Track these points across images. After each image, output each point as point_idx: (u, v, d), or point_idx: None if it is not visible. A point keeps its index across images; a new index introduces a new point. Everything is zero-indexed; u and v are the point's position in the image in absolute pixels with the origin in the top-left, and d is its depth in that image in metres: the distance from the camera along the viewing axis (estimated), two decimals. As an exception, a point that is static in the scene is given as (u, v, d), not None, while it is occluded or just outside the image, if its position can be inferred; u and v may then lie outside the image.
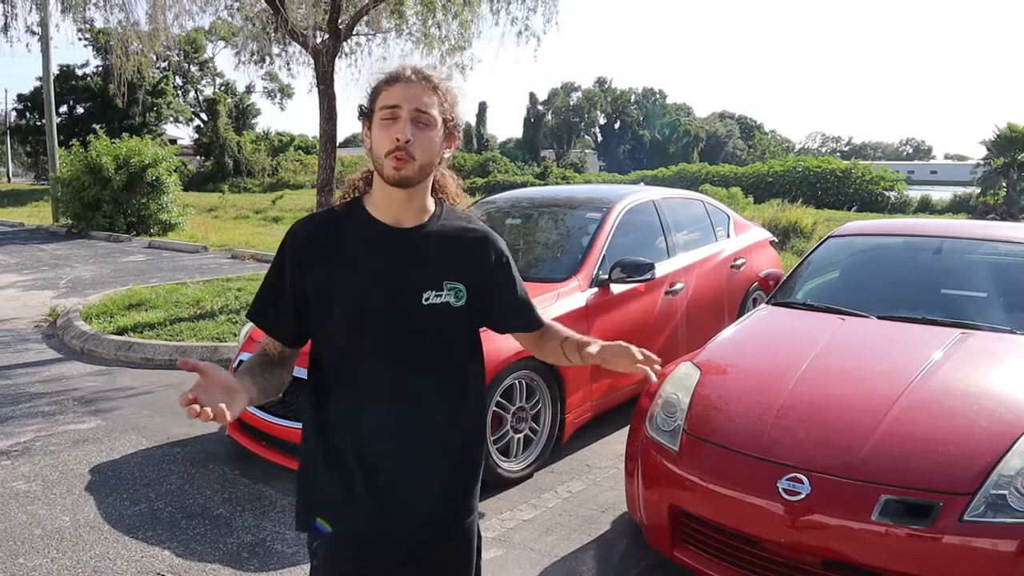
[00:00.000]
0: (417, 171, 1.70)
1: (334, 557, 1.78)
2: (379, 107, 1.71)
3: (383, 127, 1.69)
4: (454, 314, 1.78)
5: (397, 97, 1.69)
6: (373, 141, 1.72)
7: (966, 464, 2.72)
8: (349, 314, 1.72)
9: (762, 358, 3.82)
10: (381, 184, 1.74)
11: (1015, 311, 3.89)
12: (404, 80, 1.70)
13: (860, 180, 29.74)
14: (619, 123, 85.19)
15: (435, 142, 1.73)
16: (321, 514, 1.77)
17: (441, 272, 1.77)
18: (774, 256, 7.43)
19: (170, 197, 17.79)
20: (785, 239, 14.43)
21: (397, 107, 1.68)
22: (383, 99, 1.71)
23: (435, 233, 1.80)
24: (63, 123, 37.33)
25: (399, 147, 1.67)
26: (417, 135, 1.68)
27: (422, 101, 1.69)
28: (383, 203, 1.77)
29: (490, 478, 4.17)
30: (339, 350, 1.75)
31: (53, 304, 9.14)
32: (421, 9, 9.65)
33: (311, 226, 1.80)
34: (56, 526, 3.80)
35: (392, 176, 1.69)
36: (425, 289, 1.75)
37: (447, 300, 1.77)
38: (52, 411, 5.51)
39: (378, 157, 1.71)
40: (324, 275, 1.73)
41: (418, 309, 1.74)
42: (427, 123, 1.70)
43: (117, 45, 9.81)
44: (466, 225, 1.88)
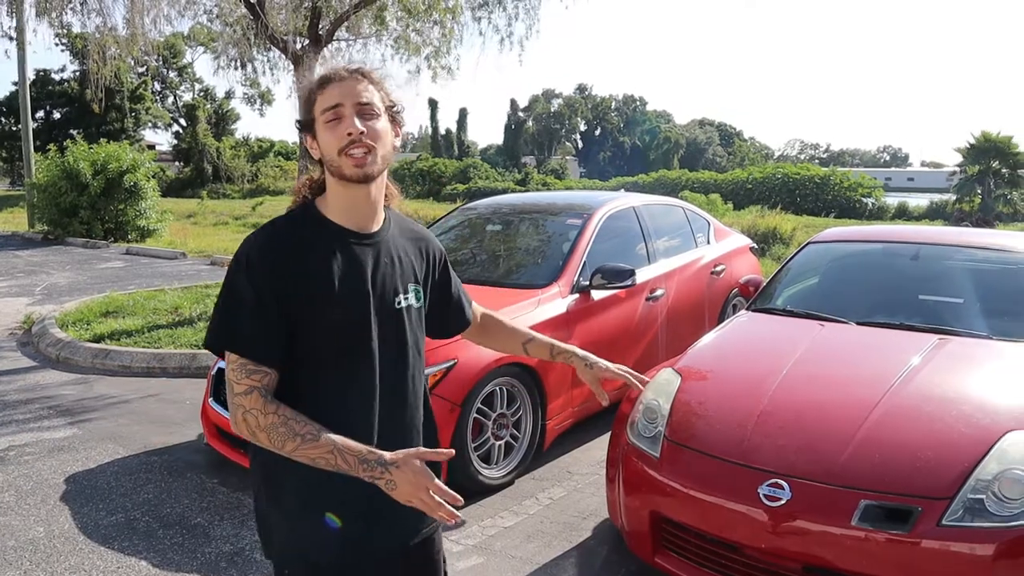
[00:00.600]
0: (380, 162, 1.69)
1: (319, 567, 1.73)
2: (320, 111, 1.67)
3: (329, 129, 1.66)
4: (416, 315, 1.83)
5: (336, 96, 1.66)
6: (322, 146, 1.68)
7: (944, 469, 2.74)
8: (333, 328, 1.67)
9: (742, 364, 3.83)
10: (341, 187, 1.70)
11: (992, 316, 3.92)
12: (337, 79, 1.68)
13: (838, 187, 29.98)
14: (599, 130, 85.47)
15: (386, 131, 1.71)
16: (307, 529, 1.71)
17: (406, 275, 1.81)
18: (754, 262, 7.47)
19: (148, 203, 17.60)
20: (765, 245, 14.51)
21: (339, 105, 1.65)
22: (321, 102, 1.67)
23: (394, 236, 1.82)
24: (39, 128, 36.99)
25: (353, 140, 1.64)
26: (367, 127, 1.66)
27: (362, 94, 1.67)
28: (345, 207, 1.73)
29: (471, 485, 4.16)
30: (321, 363, 1.68)
31: (28, 311, 9.03)
32: (403, 15, 9.64)
33: (274, 243, 1.68)
34: (30, 537, 3.74)
35: (356, 173, 1.65)
36: (397, 293, 1.77)
37: (411, 302, 1.81)
38: (26, 420, 5.44)
39: (332, 159, 1.66)
40: (302, 291, 1.64)
41: (394, 314, 1.76)
42: (372, 114, 1.68)
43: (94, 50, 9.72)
44: (413, 227, 1.94)
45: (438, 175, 42.52)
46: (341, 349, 1.69)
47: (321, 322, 1.66)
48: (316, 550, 1.71)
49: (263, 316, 1.62)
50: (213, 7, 10.24)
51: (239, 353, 1.62)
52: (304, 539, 1.71)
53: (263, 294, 1.62)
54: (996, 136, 24.88)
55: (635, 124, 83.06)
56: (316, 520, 1.70)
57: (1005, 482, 2.65)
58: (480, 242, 5.94)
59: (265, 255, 1.65)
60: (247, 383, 1.61)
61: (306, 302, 1.64)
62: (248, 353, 1.62)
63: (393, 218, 1.86)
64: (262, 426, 1.59)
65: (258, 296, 1.62)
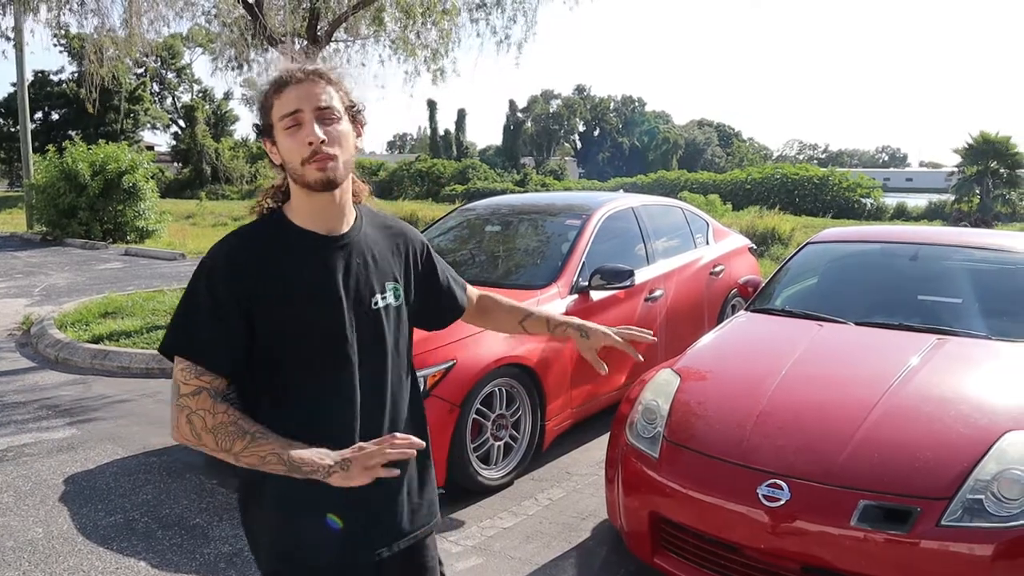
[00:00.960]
0: (343, 168, 1.64)
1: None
2: (278, 117, 1.62)
3: (289, 135, 1.61)
4: (395, 313, 1.79)
5: (294, 101, 1.61)
6: (283, 153, 1.64)
7: (943, 469, 2.74)
8: (305, 334, 1.64)
9: (741, 364, 3.83)
10: (305, 194, 1.66)
11: (990, 317, 3.93)
12: (294, 82, 1.62)
13: (837, 187, 29.98)
14: (598, 130, 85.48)
15: (348, 134, 1.67)
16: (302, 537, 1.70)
17: (382, 274, 1.77)
18: (753, 263, 7.47)
19: (147, 204, 17.61)
20: (763, 246, 14.52)
21: (298, 111, 1.60)
22: (279, 107, 1.62)
23: (367, 235, 1.78)
24: (38, 129, 36.97)
25: (315, 150, 1.59)
26: (329, 132, 1.61)
27: (321, 98, 1.62)
28: (311, 212, 1.69)
29: (470, 485, 4.16)
30: (296, 370, 1.65)
31: (27, 312, 9.02)
32: (401, 16, 9.64)
33: (240, 251, 1.65)
34: (29, 538, 3.74)
35: (319, 179, 1.61)
36: (373, 294, 1.74)
37: (389, 301, 1.77)
38: (25, 421, 5.43)
39: (294, 168, 1.62)
40: (269, 299, 1.61)
41: (371, 315, 1.72)
42: (333, 117, 1.63)
43: (91, 50, 9.71)
44: (388, 223, 1.89)
45: (437, 176, 42.50)
46: (315, 355, 1.65)
47: (292, 328, 1.63)
48: (300, 554, 1.69)
49: (220, 323, 1.59)
50: (211, 8, 10.25)
51: (191, 358, 1.60)
52: (289, 544, 1.69)
53: (222, 301, 1.59)
54: (995, 136, 24.91)
55: (634, 125, 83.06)
56: (299, 525, 1.68)
57: (1004, 482, 2.65)
58: (479, 243, 5.94)
59: (229, 262, 1.63)
60: (196, 383, 1.58)
61: (274, 309, 1.61)
62: (200, 358, 1.59)
63: (366, 216, 1.82)
64: (209, 426, 1.55)
65: (216, 303, 1.60)
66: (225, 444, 1.55)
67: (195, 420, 1.56)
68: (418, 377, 1.93)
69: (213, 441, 1.55)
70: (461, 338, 4.11)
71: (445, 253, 5.74)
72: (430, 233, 6.19)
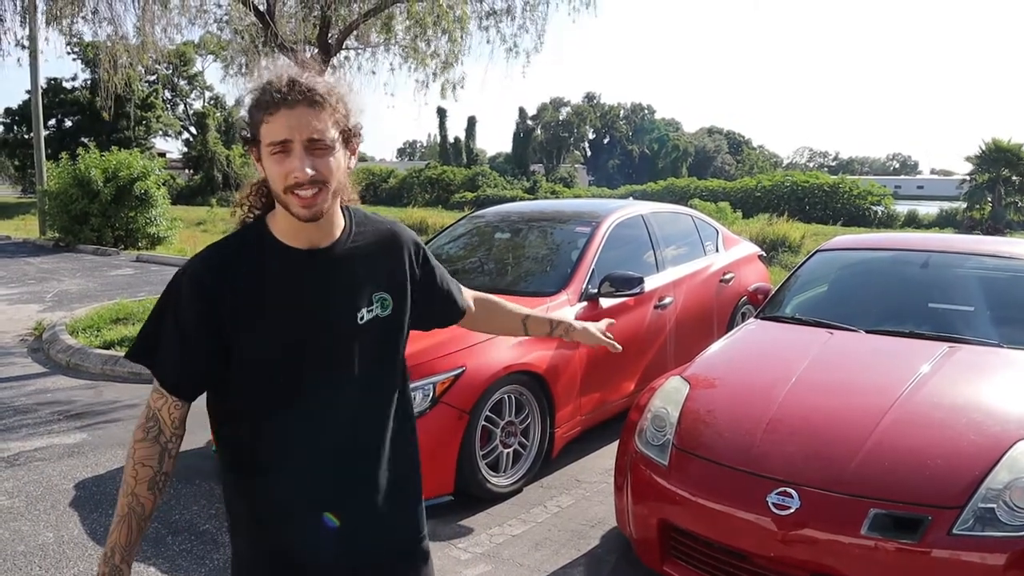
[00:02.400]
0: (330, 198, 1.57)
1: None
2: (266, 141, 1.52)
3: (276, 161, 1.51)
4: (382, 325, 1.72)
5: (283, 129, 1.49)
6: (268, 173, 1.55)
7: (954, 478, 2.73)
8: (285, 349, 1.60)
9: (751, 372, 3.82)
10: (286, 214, 1.57)
11: (1002, 325, 3.91)
12: (287, 107, 1.49)
13: (848, 195, 29.92)
14: (608, 138, 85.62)
15: (339, 164, 1.56)
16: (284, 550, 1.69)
17: (368, 286, 1.70)
18: (762, 270, 7.46)
19: (159, 210, 17.68)
20: (773, 253, 14.48)
21: (287, 141, 1.50)
22: (268, 131, 1.51)
23: (353, 247, 1.69)
24: (51, 136, 37.14)
25: (300, 183, 1.50)
26: (317, 164, 1.51)
27: (313, 127, 1.50)
28: (292, 229, 1.61)
29: (479, 493, 4.16)
30: (271, 389, 1.61)
31: (39, 318, 9.07)
32: (411, 25, 9.68)
33: (217, 264, 1.60)
34: (39, 542, 3.76)
35: (303, 214, 1.53)
36: (358, 308, 1.67)
37: (375, 313, 1.70)
38: (36, 425, 5.46)
39: (277, 192, 1.54)
40: (242, 315, 1.56)
41: (355, 329, 1.66)
42: (324, 148, 1.52)
43: (105, 58, 9.78)
44: (379, 227, 1.79)
45: (447, 183, 42.59)
46: (292, 372, 1.61)
47: (267, 345, 1.59)
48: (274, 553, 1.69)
49: (183, 349, 1.57)
50: (223, 15, 10.31)
51: (153, 373, 1.61)
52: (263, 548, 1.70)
53: (188, 326, 1.56)
54: (1007, 144, 24.81)
55: (643, 132, 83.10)
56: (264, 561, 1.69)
57: (1016, 491, 2.63)
58: (488, 250, 5.95)
59: (196, 283, 1.57)
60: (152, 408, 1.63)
61: (245, 326, 1.57)
62: (159, 377, 1.60)
63: (356, 223, 1.73)
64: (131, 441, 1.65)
65: (181, 326, 1.57)
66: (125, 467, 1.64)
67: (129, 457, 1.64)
68: (427, 384, 1.91)
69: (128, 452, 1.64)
70: (470, 345, 4.11)
71: (455, 260, 5.75)
72: (439, 240, 6.20)
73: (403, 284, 1.77)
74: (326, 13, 8.81)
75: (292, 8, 9.57)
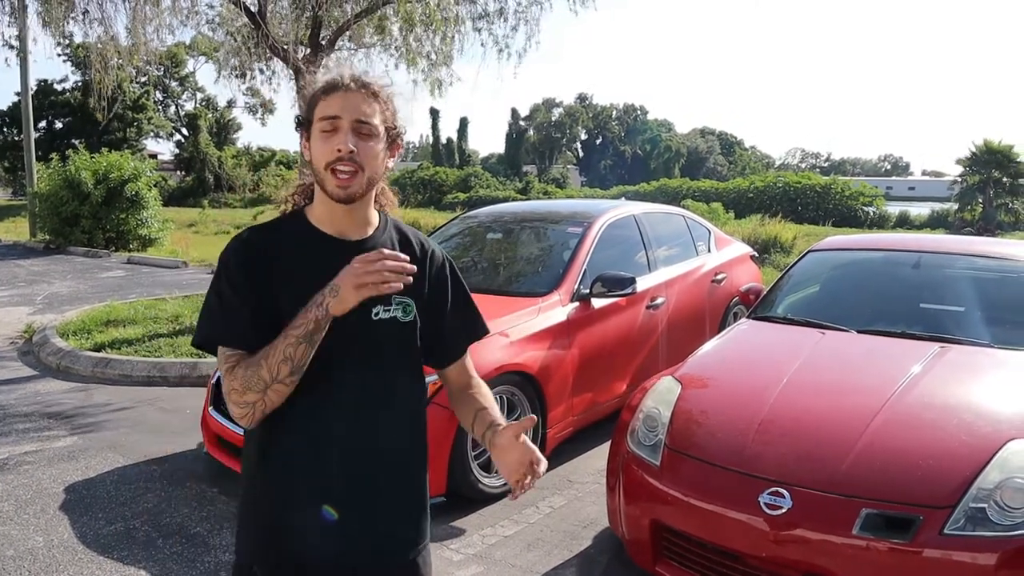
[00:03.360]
0: (364, 185, 1.65)
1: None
2: (318, 118, 1.64)
3: (323, 139, 1.63)
4: (400, 328, 1.73)
5: (336, 107, 1.62)
6: (312, 153, 1.65)
7: (946, 478, 2.73)
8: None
9: (743, 372, 3.82)
10: (323, 198, 1.68)
11: (993, 325, 3.92)
12: (343, 89, 1.63)
13: (839, 196, 30.03)
14: (600, 139, 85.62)
15: (378, 153, 1.66)
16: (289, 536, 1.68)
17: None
18: (755, 270, 7.47)
19: (150, 212, 17.62)
20: (765, 254, 14.52)
21: (337, 118, 1.61)
22: (321, 109, 1.64)
23: (382, 245, 1.71)
24: (41, 138, 37.02)
25: (340, 158, 1.60)
26: (360, 146, 1.62)
27: (363, 111, 1.63)
28: (327, 215, 1.71)
29: (471, 494, 4.15)
30: None
31: (29, 320, 9.02)
32: (403, 25, 9.66)
33: (249, 243, 1.70)
34: (29, 547, 3.73)
35: (336, 194, 1.63)
36: (374, 304, 1.67)
37: (395, 315, 1.71)
38: (26, 429, 5.43)
39: (318, 169, 1.64)
40: (271, 288, 1.64)
41: (368, 324, 1.68)
42: (369, 133, 1.64)
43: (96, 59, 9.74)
44: (411, 237, 1.83)
45: (439, 184, 42.59)
46: None
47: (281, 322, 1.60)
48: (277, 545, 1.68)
49: (238, 307, 1.62)
50: (215, 17, 10.28)
51: (221, 344, 1.63)
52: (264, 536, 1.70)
53: (237, 287, 1.63)
54: (997, 145, 24.97)
55: (636, 133, 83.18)
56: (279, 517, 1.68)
57: (1007, 491, 2.64)
58: (481, 250, 5.94)
59: (239, 253, 1.67)
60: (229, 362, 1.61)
61: (274, 298, 1.63)
62: (227, 341, 1.63)
63: (392, 227, 1.80)
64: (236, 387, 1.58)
65: (233, 289, 1.64)
66: (254, 381, 1.56)
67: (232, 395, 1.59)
68: None
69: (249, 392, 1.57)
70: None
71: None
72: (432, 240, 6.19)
73: (423, 299, 1.78)
74: (317, 14, 8.79)
75: (284, 9, 9.54)
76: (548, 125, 78.33)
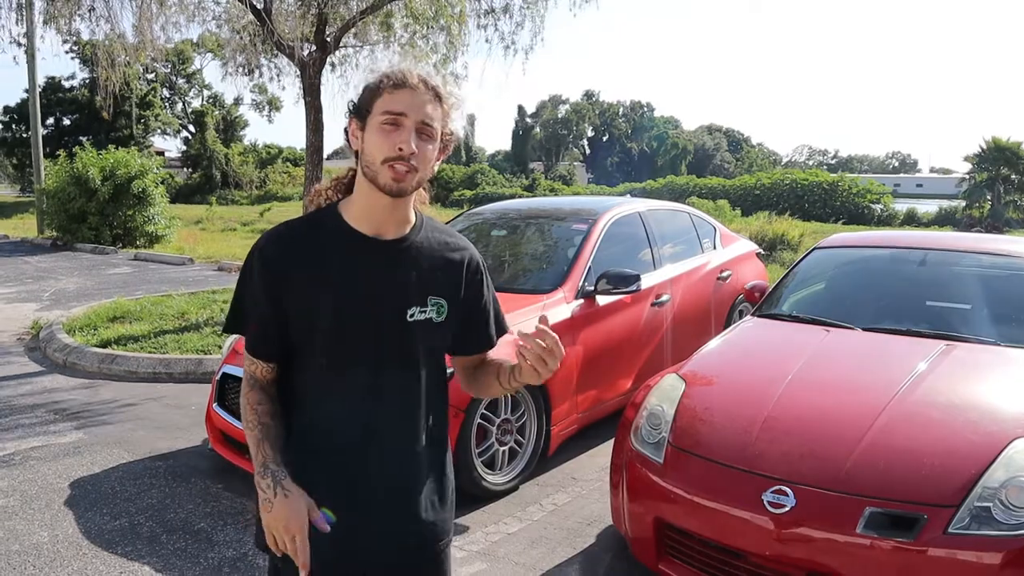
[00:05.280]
0: (416, 184, 1.65)
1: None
2: (380, 110, 1.61)
3: (383, 132, 1.60)
4: (434, 329, 1.74)
5: (404, 104, 1.61)
6: (368, 144, 1.63)
7: (950, 476, 2.72)
8: (330, 330, 1.65)
9: (747, 370, 3.81)
10: (368, 191, 1.66)
11: (999, 323, 3.90)
12: (411, 87, 1.62)
13: (847, 193, 29.95)
14: (607, 136, 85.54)
15: (433, 156, 1.67)
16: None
17: (425, 287, 1.73)
18: (760, 268, 7.45)
19: (157, 209, 17.69)
20: (772, 251, 14.49)
21: (403, 115, 1.60)
22: (386, 102, 1.61)
23: (418, 245, 1.74)
24: (49, 135, 37.11)
25: (402, 156, 1.59)
26: (420, 147, 1.62)
27: (428, 113, 1.63)
28: (366, 211, 1.69)
29: (475, 491, 4.15)
30: (317, 366, 1.68)
31: (36, 317, 9.06)
32: (409, 22, 9.65)
33: (284, 239, 1.70)
34: (34, 541, 3.75)
35: (390, 186, 1.61)
36: (410, 305, 1.70)
37: (429, 316, 1.72)
38: (32, 424, 5.45)
39: (372, 162, 1.62)
40: (304, 290, 1.65)
41: (402, 325, 1.69)
42: (429, 136, 1.64)
43: (103, 56, 9.75)
44: (448, 239, 1.83)
45: (445, 181, 42.61)
46: (332, 351, 1.67)
47: (312, 320, 1.66)
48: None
49: (256, 315, 1.70)
50: (221, 13, 10.28)
51: (251, 352, 1.73)
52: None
53: (257, 295, 1.68)
54: (1006, 142, 24.86)
55: (643, 130, 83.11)
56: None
57: (1012, 490, 2.63)
58: (486, 247, 5.93)
59: (269, 254, 1.68)
60: (249, 371, 1.74)
61: (300, 297, 1.66)
62: (247, 345, 1.74)
63: (427, 226, 1.79)
64: (241, 405, 1.72)
65: (253, 296, 1.70)
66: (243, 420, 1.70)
67: (241, 400, 1.73)
68: None
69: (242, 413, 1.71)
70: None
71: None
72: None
73: (457, 298, 1.80)
74: (323, 11, 8.78)
75: (290, 6, 9.54)
76: (555, 122, 78.35)
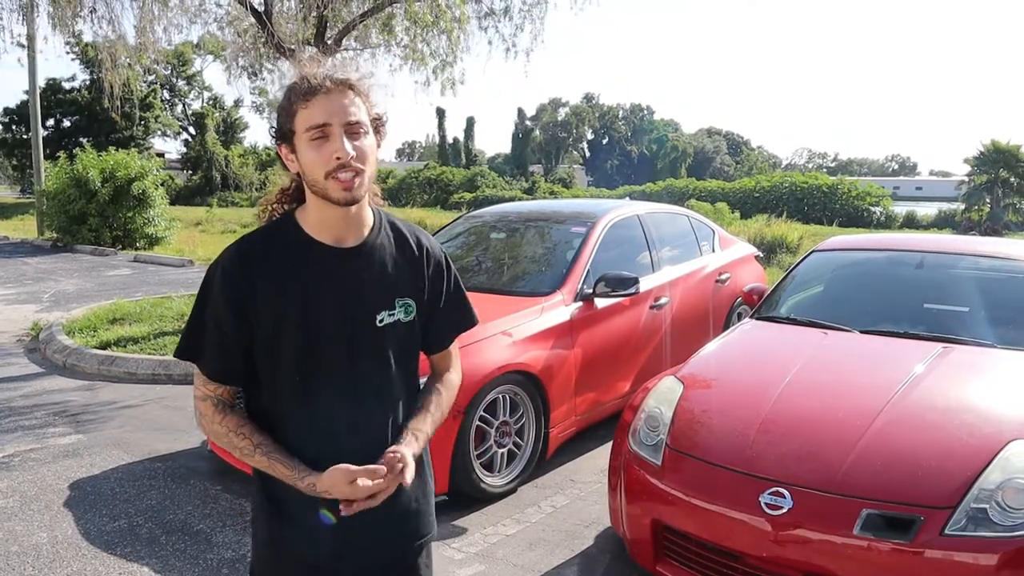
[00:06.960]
0: (367, 183, 1.62)
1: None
2: (303, 127, 1.57)
3: (314, 147, 1.56)
4: (404, 329, 1.74)
5: (323, 113, 1.56)
6: (305, 163, 1.59)
7: (947, 478, 2.73)
8: (301, 346, 1.63)
9: (745, 372, 3.82)
10: (320, 204, 1.62)
11: (996, 325, 3.91)
12: (324, 92, 1.56)
13: (846, 196, 29.95)
14: (607, 139, 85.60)
15: (373, 148, 1.63)
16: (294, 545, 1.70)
17: (392, 289, 1.72)
18: (759, 271, 7.46)
19: (156, 211, 17.69)
20: (771, 254, 14.50)
21: (327, 124, 1.56)
22: (305, 118, 1.57)
23: (380, 247, 1.72)
24: (49, 136, 37.12)
25: (342, 165, 1.55)
26: (357, 148, 1.58)
27: (350, 112, 1.57)
28: (323, 222, 1.65)
29: (473, 493, 4.15)
30: (289, 382, 1.65)
31: (36, 318, 9.06)
32: (410, 25, 9.66)
33: (245, 255, 1.65)
34: (33, 542, 3.75)
35: (344, 197, 1.58)
36: (379, 311, 1.69)
37: (398, 317, 1.72)
38: (32, 426, 5.46)
39: (316, 179, 1.58)
40: (271, 307, 1.61)
41: (373, 331, 1.68)
42: (361, 132, 1.59)
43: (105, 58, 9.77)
44: (406, 234, 1.81)
45: (445, 183, 42.60)
46: (305, 365, 1.64)
47: (282, 334, 1.63)
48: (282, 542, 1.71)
49: (219, 337, 1.64)
50: (222, 15, 10.29)
51: (198, 366, 1.69)
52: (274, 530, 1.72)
53: (221, 315, 1.63)
54: (1005, 145, 24.85)
55: (642, 133, 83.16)
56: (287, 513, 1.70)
57: (1008, 491, 2.63)
58: (485, 250, 5.95)
59: (225, 271, 1.64)
60: (203, 391, 1.68)
61: (266, 312, 1.62)
62: (204, 368, 1.68)
63: (385, 225, 1.77)
64: (211, 431, 1.68)
65: (216, 317, 1.64)
66: (228, 447, 1.66)
67: (203, 422, 1.69)
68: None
69: (219, 441, 1.67)
70: (464, 345, 4.09)
71: (452, 260, 5.75)
72: (436, 239, 6.20)
73: (423, 292, 1.79)
74: (323, 14, 8.80)
75: (291, 9, 9.56)
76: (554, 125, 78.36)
